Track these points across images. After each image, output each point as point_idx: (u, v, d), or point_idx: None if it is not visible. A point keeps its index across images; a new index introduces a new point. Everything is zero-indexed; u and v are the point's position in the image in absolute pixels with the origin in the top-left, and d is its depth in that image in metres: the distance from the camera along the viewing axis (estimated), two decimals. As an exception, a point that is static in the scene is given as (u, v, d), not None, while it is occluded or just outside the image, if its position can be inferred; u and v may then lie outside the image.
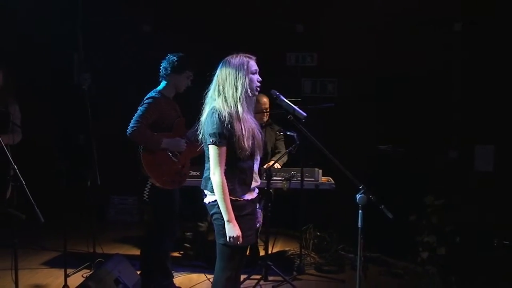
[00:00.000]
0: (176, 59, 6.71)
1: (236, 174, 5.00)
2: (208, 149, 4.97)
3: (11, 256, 5.41)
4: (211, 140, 4.87)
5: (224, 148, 4.88)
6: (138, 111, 6.49)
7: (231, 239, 4.86)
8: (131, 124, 6.40)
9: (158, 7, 10.79)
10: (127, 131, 6.41)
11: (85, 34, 11.04)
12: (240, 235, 4.89)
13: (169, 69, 6.72)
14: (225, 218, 4.86)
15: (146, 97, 6.63)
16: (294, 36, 10.80)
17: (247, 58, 5.06)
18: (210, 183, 4.98)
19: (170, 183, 6.60)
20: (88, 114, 7.83)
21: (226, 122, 4.84)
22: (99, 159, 7.94)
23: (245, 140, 4.91)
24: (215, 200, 4.96)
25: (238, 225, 4.89)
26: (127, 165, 9.68)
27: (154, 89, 6.77)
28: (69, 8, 10.95)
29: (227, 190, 4.89)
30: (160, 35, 10.74)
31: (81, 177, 8.03)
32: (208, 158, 5.01)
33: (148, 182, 6.59)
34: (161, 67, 6.81)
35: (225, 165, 4.92)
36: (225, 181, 4.88)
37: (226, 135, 4.86)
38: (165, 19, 10.81)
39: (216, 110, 4.90)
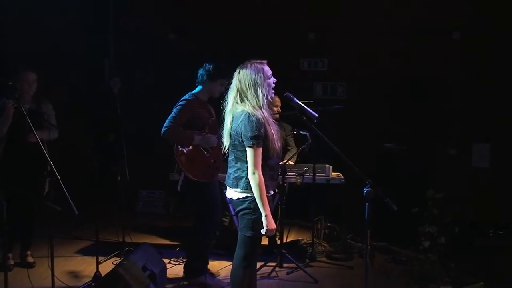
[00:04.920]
0: (211, 67, 6.73)
1: (266, 171, 4.99)
2: (242, 151, 4.97)
3: (48, 245, 5.39)
4: (251, 142, 4.84)
5: (260, 149, 4.87)
6: (172, 113, 6.58)
7: (268, 232, 4.89)
8: (165, 124, 6.48)
9: (182, 17, 10.77)
10: (161, 131, 6.46)
11: (116, 42, 11.04)
12: (275, 228, 4.92)
13: (205, 76, 6.74)
14: (264, 213, 4.85)
15: (181, 99, 6.69)
16: (306, 44, 10.80)
17: (261, 65, 5.04)
18: (242, 182, 4.99)
19: (202, 175, 6.63)
20: (118, 115, 7.83)
21: (262, 125, 4.85)
22: (128, 156, 7.93)
23: (275, 141, 4.94)
24: (246, 197, 4.98)
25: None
26: (154, 161, 9.74)
27: (190, 92, 6.80)
28: (101, 18, 10.96)
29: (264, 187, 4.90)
30: (184, 42, 10.74)
31: (112, 172, 8.02)
32: (239, 158, 5.04)
33: (182, 174, 6.67)
34: (198, 74, 6.82)
35: None
36: (263, 179, 4.87)
37: (262, 136, 4.85)
38: (188, 28, 10.79)
39: (253, 115, 4.88)
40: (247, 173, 4.91)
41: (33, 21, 10.01)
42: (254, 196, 4.88)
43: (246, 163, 4.91)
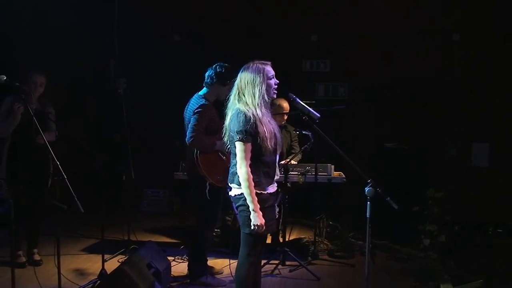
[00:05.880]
0: (222, 70, 6.58)
1: (260, 168, 5.00)
2: (234, 146, 4.97)
3: (54, 243, 5.40)
4: (238, 137, 4.87)
5: (249, 144, 4.88)
6: (193, 120, 6.43)
7: (256, 227, 4.86)
8: (189, 134, 6.38)
9: (186, 20, 10.76)
10: (186, 140, 6.41)
11: (121, 43, 11.04)
12: (264, 224, 4.89)
13: (215, 79, 6.59)
14: (251, 208, 4.86)
15: (196, 106, 6.53)
16: (309, 45, 10.80)
17: (263, 65, 5.05)
18: (237, 177, 4.98)
19: (222, 180, 6.56)
20: (123, 115, 7.84)
21: (251, 121, 4.85)
22: (133, 156, 7.95)
23: (268, 141, 4.92)
24: (241, 193, 4.96)
25: (262, 215, 4.89)
26: (159, 161, 9.74)
27: (197, 94, 6.70)
28: (107, 19, 10.96)
29: (253, 182, 4.89)
30: (188, 44, 10.74)
31: (117, 172, 8.03)
32: (235, 154, 5.01)
33: (207, 182, 6.58)
34: (206, 75, 6.69)
35: (251, 160, 4.92)
36: (250, 174, 4.87)
37: (251, 132, 4.86)
38: (192, 30, 10.78)
39: (242, 111, 4.91)
40: None
41: (37, 21, 10.03)
42: None
43: None
